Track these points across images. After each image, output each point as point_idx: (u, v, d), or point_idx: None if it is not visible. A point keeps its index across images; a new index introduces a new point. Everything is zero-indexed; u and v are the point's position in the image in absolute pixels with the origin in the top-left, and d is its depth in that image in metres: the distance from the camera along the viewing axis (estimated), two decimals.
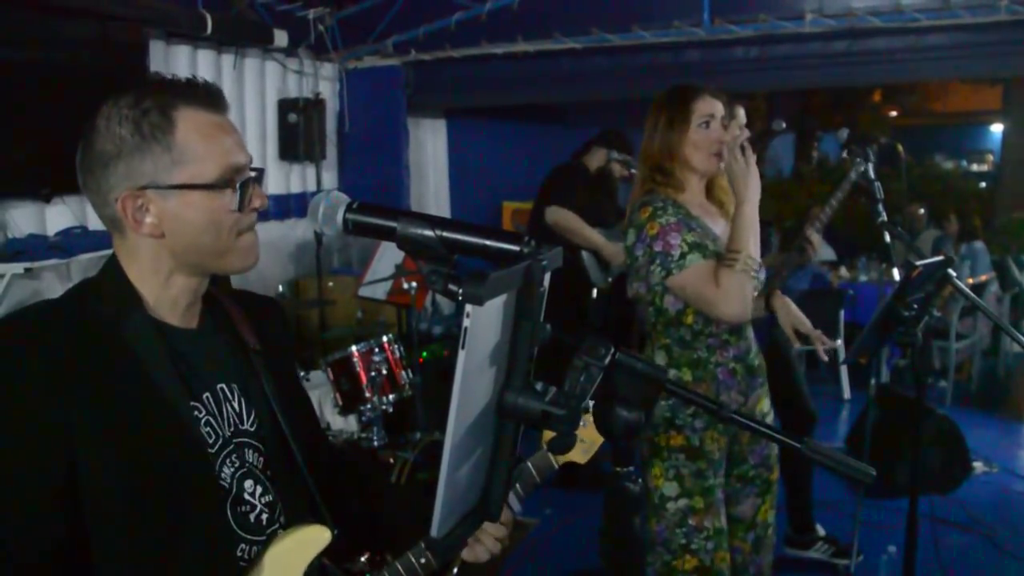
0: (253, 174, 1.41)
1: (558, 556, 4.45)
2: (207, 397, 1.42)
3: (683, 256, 2.46)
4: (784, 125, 2.74)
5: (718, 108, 2.60)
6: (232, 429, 1.44)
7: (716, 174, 2.63)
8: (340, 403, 4.23)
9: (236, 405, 1.47)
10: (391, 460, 3.74)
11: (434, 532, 1.03)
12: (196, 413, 1.38)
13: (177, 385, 1.36)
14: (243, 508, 1.43)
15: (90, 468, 1.25)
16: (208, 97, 1.38)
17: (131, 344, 1.33)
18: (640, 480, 1.18)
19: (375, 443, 4.03)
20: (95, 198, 1.37)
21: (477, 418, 1.03)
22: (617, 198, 5.28)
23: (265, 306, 1.67)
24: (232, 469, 1.42)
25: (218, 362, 1.47)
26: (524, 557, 4.40)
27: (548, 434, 1.76)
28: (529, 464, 1.79)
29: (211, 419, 1.41)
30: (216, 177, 1.35)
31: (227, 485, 1.41)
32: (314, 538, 1.48)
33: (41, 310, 1.35)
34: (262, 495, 1.46)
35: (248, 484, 1.44)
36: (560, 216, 4.88)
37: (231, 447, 1.43)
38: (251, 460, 1.47)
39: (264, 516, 1.46)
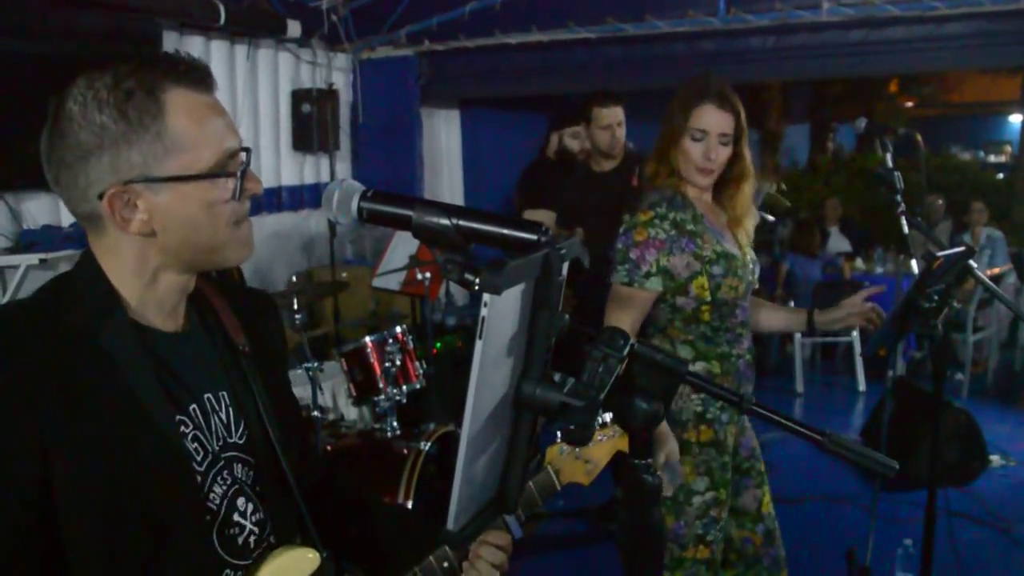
0: (244, 156, 1.26)
1: (571, 548, 4.45)
2: (194, 409, 1.29)
3: (647, 276, 2.45)
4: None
5: (717, 123, 2.48)
6: (220, 443, 1.32)
7: (700, 186, 2.57)
8: (354, 394, 4.22)
9: (224, 416, 1.34)
10: (405, 451, 3.73)
11: (450, 525, 1.01)
12: (183, 428, 1.26)
13: (161, 397, 1.23)
14: (231, 531, 1.31)
15: (65, 488, 1.13)
16: (197, 75, 1.24)
17: (110, 352, 1.19)
18: (657, 473, 1.16)
19: (389, 434, 4.03)
20: (70, 194, 1.22)
21: (494, 410, 1.02)
22: (591, 173, 5.07)
23: (257, 302, 1.54)
24: (223, 488, 1.30)
25: (206, 368, 1.34)
26: (537, 549, 4.40)
27: (551, 453, 1.73)
28: (531, 485, 1.72)
29: (199, 433, 1.28)
30: (212, 165, 1.21)
31: (215, 507, 1.29)
32: (301, 562, 1.38)
33: (9, 314, 1.23)
34: (252, 512, 1.35)
35: (240, 502, 1.33)
36: (536, 218, 4.79)
37: (221, 463, 1.31)
38: (240, 476, 1.34)
39: (252, 538, 1.35)
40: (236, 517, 1.32)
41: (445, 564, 1.51)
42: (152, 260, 1.24)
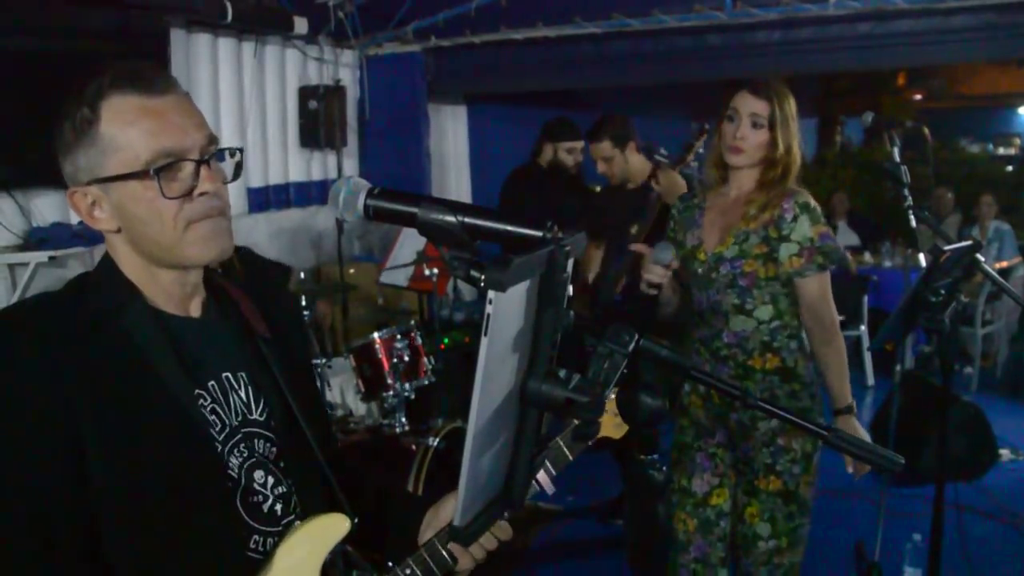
0: (204, 155, 1.30)
1: (581, 543, 4.45)
2: (212, 385, 1.37)
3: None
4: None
5: (748, 105, 2.64)
6: (240, 419, 1.39)
7: (739, 167, 2.71)
8: (362, 390, 4.24)
9: (243, 395, 1.41)
10: (413, 447, 3.74)
11: (457, 520, 1.02)
12: (201, 401, 1.34)
13: (179, 372, 1.31)
14: (255, 498, 1.38)
15: (96, 461, 1.21)
16: (136, 81, 1.27)
17: (131, 334, 1.29)
18: (664, 468, 1.17)
19: (397, 430, 4.04)
20: None
21: (500, 405, 1.02)
22: (580, 187, 5.12)
23: (273, 294, 1.62)
24: (240, 459, 1.37)
25: (223, 351, 1.42)
26: (547, 544, 4.41)
27: None
28: (560, 441, 1.77)
29: (217, 407, 1.36)
30: (144, 163, 1.26)
31: (235, 475, 1.35)
32: (332, 527, 1.43)
33: (39, 302, 1.32)
34: (274, 486, 1.41)
35: (258, 475, 1.39)
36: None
37: (239, 436, 1.38)
38: (261, 450, 1.41)
39: (278, 507, 1.41)
40: (257, 486, 1.39)
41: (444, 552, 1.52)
42: (136, 258, 1.34)
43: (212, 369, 1.38)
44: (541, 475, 1.69)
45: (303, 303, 4.50)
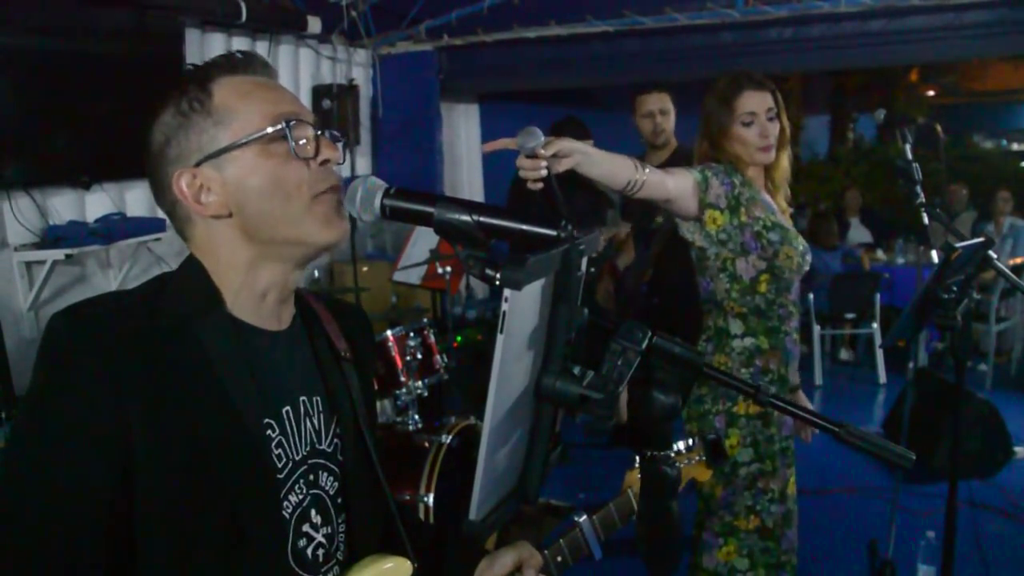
0: (311, 127, 1.27)
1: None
2: (287, 411, 1.27)
3: (693, 168, 2.60)
4: None
5: (761, 102, 2.62)
6: (308, 449, 1.29)
7: (765, 164, 2.68)
8: (376, 387, 4.25)
9: (316, 421, 1.32)
10: (426, 444, 3.75)
11: (472, 515, 1.04)
12: (269, 432, 1.23)
13: (252, 398, 1.21)
14: (300, 542, 1.27)
15: (143, 483, 1.11)
16: (243, 62, 1.26)
17: (205, 346, 1.19)
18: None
19: (410, 427, 4.05)
20: (158, 198, 1.27)
21: (515, 402, 1.03)
22: (589, 185, 5.13)
23: (355, 315, 1.51)
24: (298, 497, 1.27)
25: (304, 371, 1.33)
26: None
27: (631, 478, 1.78)
28: (611, 506, 1.79)
29: (283, 440, 1.26)
30: (265, 127, 1.22)
31: (288, 516, 1.25)
32: (395, 571, 1.35)
33: (109, 302, 1.21)
34: (322, 525, 1.31)
35: (311, 514, 1.29)
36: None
37: (302, 469, 1.28)
38: (323, 484, 1.32)
39: (320, 552, 1.31)
40: (306, 528, 1.29)
41: None
42: (244, 249, 1.24)
43: (289, 391, 1.29)
44: (591, 538, 1.72)
45: None
